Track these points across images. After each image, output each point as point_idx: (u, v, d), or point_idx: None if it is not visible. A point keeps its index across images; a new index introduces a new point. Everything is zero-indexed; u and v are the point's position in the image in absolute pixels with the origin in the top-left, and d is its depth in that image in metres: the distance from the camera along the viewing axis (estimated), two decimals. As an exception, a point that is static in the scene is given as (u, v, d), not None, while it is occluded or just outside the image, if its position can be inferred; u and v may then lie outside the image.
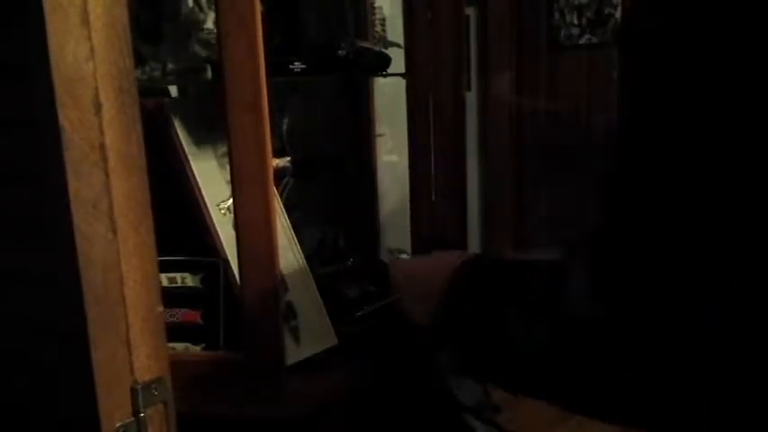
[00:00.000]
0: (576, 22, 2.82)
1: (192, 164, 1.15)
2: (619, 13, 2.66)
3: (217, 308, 1.14)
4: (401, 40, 1.46)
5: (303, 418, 1.03)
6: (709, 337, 0.56)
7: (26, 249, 0.67)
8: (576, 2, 2.82)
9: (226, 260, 1.12)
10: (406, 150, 1.48)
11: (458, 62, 1.41)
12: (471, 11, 2.93)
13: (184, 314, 1.15)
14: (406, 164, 1.48)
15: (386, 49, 1.46)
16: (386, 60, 1.39)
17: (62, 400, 0.68)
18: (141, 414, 0.65)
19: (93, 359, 0.61)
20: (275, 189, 1.04)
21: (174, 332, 1.00)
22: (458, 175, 1.45)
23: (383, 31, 1.56)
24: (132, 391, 0.65)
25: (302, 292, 1.18)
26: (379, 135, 1.67)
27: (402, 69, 1.43)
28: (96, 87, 0.60)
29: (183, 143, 1.15)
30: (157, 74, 1.19)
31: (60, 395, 0.68)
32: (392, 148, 1.72)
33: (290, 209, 1.25)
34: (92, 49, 0.59)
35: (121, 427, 0.64)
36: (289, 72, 1.21)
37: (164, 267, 0.85)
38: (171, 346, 0.94)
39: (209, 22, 1.17)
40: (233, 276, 1.09)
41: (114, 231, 0.62)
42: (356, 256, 1.52)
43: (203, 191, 1.15)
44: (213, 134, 1.17)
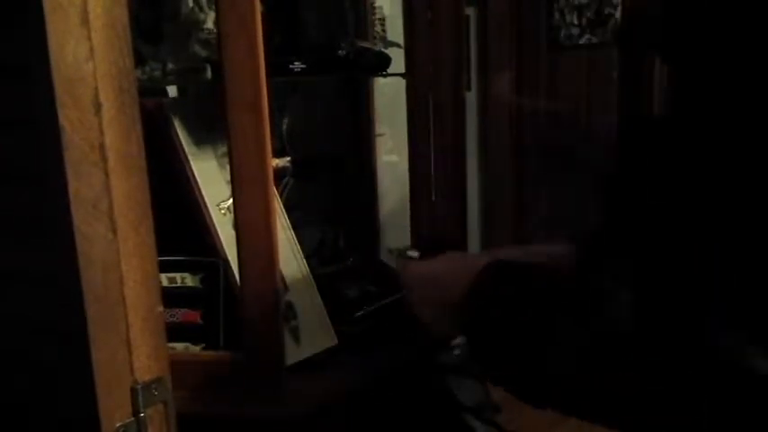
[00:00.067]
0: (576, 22, 2.82)
1: (192, 164, 1.15)
2: (619, 13, 2.66)
3: (217, 308, 1.14)
4: (401, 40, 1.46)
5: (303, 418, 1.03)
6: (709, 338, 0.56)
7: (26, 249, 0.67)
8: (576, 2, 2.82)
9: (226, 260, 1.12)
10: (406, 150, 1.48)
11: (458, 62, 1.41)
12: (471, 11, 2.94)
13: (184, 314, 1.15)
14: (406, 164, 1.48)
15: (386, 49, 1.46)
16: (386, 60, 1.39)
17: (62, 400, 0.68)
18: (141, 414, 0.65)
19: (93, 359, 0.61)
20: (275, 189, 1.04)
21: (174, 332, 0.99)
22: (458, 175, 1.45)
23: (383, 31, 1.56)
24: (132, 391, 0.65)
25: (302, 292, 1.18)
26: (379, 135, 1.67)
27: (402, 69, 1.43)
28: (96, 87, 0.60)
29: (183, 143, 1.15)
30: (157, 74, 1.19)
31: (60, 395, 0.68)
32: (392, 148, 1.72)
33: (290, 209, 1.25)
34: (92, 49, 0.59)
35: (121, 427, 0.64)
36: (289, 72, 1.21)
37: (164, 267, 0.85)
38: (171, 346, 0.94)
39: (209, 22, 1.17)
40: (233, 276, 1.09)
41: (114, 231, 0.62)
42: (356, 256, 1.52)
43: (203, 191, 1.15)
44: (213, 134, 1.17)
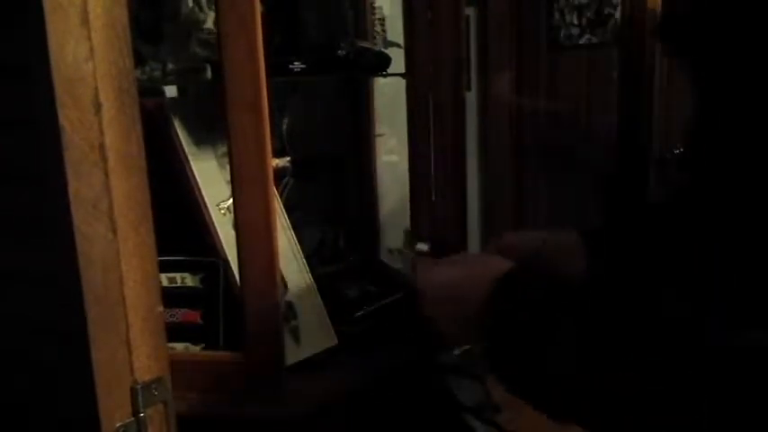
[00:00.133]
0: (576, 22, 2.82)
1: (192, 164, 1.15)
2: (619, 14, 2.65)
3: (217, 308, 1.14)
4: (401, 40, 1.46)
5: (303, 418, 1.03)
6: (709, 339, 0.56)
7: (26, 249, 0.67)
8: (576, 2, 2.82)
9: (226, 260, 1.12)
10: (406, 150, 1.47)
11: (458, 62, 1.41)
12: (471, 11, 2.93)
13: (184, 314, 1.15)
14: (406, 164, 1.47)
15: (386, 49, 1.46)
16: (386, 60, 1.39)
17: (62, 400, 0.68)
18: (141, 414, 0.65)
19: (93, 359, 0.61)
20: (275, 189, 1.04)
21: (174, 332, 0.99)
22: (458, 175, 1.45)
23: (383, 31, 1.56)
24: (132, 391, 0.65)
25: (302, 292, 1.18)
26: (379, 135, 1.67)
27: (402, 69, 1.43)
28: (96, 87, 0.60)
29: (183, 143, 1.15)
30: (157, 74, 1.19)
31: (60, 395, 0.68)
32: (392, 148, 1.72)
33: (290, 209, 1.25)
34: (91, 49, 0.59)
35: (121, 427, 0.64)
36: (289, 72, 1.21)
37: (164, 267, 0.85)
38: (171, 346, 0.94)
39: (209, 22, 1.17)
40: (233, 276, 1.09)
41: (114, 231, 0.62)
42: (356, 256, 1.52)
43: (203, 191, 1.15)
44: (213, 134, 1.17)
